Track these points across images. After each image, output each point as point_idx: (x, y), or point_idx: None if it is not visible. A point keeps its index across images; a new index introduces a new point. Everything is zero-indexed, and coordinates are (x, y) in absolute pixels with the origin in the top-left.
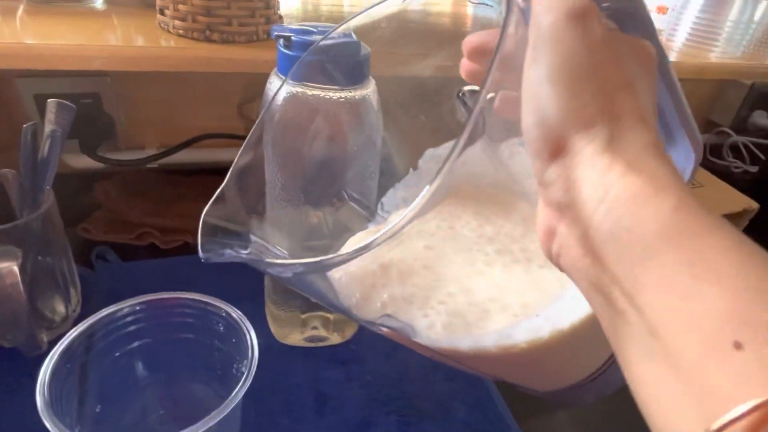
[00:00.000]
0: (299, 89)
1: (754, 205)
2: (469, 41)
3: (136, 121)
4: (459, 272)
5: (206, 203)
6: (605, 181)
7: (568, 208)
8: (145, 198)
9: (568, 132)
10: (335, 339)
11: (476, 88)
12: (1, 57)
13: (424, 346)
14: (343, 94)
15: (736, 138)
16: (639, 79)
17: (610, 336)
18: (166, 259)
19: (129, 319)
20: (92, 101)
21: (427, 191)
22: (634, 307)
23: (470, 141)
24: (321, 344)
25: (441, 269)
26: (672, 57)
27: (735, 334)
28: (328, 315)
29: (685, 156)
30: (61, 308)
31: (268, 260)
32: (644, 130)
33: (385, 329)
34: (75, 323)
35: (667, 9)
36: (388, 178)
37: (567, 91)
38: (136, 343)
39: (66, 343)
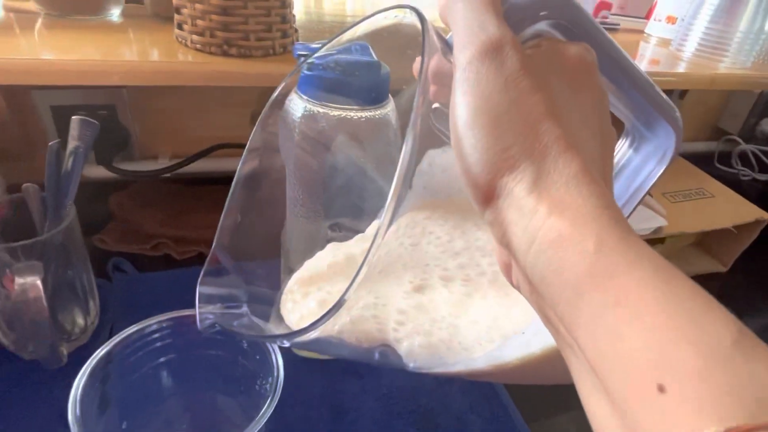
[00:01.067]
0: (321, 109)
1: (766, 216)
2: (416, 66)
3: (149, 132)
4: (393, 290)
5: (220, 213)
6: (531, 224)
7: (507, 248)
8: (159, 209)
9: (494, 177)
10: None
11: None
12: (20, 73)
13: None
14: (364, 114)
15: (744, 146)
16: (574, 93)
17: (568, 366)
18: (181, 269)
19: (156, 335)
20: (108, 113)
21: (378, 231)
22: (576, 343)
23: (411, 158)
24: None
25: (383, 288)
26: (681, 67)
27: (657, 377)
28: None
29: (666, 135)
30: (80, 320)
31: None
32: (571, 158)
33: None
34: (93, 335)
35: (677, 19)
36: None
37: (488, 135)
38: (162, 359)
39: (95, 361)
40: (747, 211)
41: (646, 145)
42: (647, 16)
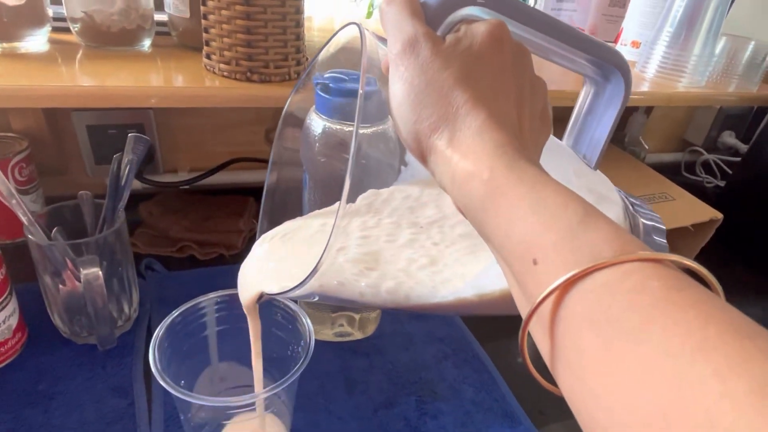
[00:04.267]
0: (336, 126)
1: (719, 216)
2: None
3: (171, 148)
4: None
5: (237, 220)
6: (450, 169)
7: (443, 189)
8: (182, 216)
9: (422, 140)
10: (358, 335)
11: None
12: (64, 97)
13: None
14: (370, 130)
15: (707, 156)
16: (483, 62)
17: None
18: (204, 268)
19: (211, 308)
20: (137, 131)
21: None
22: (492, 244)
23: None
24: (347, 339)
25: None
26: (644, 87)
27: (532, 254)
28: (354, 314)
29: (616, 81)
30: (126, 309)
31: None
32: (476, 113)
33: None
34: (135, 323)
35: (640, 44)
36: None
37: (413, 111)
38: (215, 329)
39: (166, 325)
40: (703, 212)
41: (604, 91)
42: (615, 41)
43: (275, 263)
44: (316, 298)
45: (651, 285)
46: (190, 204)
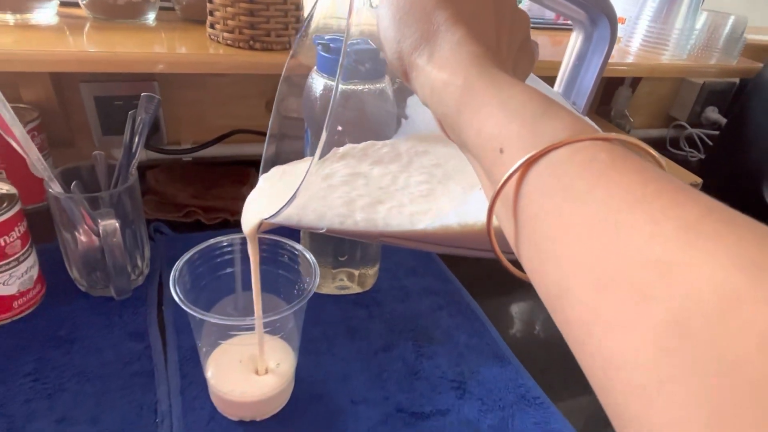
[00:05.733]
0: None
1: (699, 180)
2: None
3: (174, 120)
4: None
5: (239, 188)
6: (428, 81)
7: (425, 103)
8: (187, 183)
9: (405, 58)
10: (357, 289)
11: None
12: (72, 62)
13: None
14: (367, 86)
15: (691, 131)
16: None
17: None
18: (210, 231)
19: (227, 249)
20: None
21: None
22: (465, 145)
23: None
24: (347, 292)
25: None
26: (629, 59)
27: (498, 144)
28: (353, 270)
29: (603, 25)
30: (139, 263)
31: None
32: (455, 29)
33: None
34: (146, 278)
35: (625, 19)
36: None
37: (398, 30)
38: (229, 270)
39: (185, 258)
40: (684, 178)
41: (591, 37)
42: None
43: (271, 196)
44: (305, 223)
45: (599, 157)
46: (195, 173)
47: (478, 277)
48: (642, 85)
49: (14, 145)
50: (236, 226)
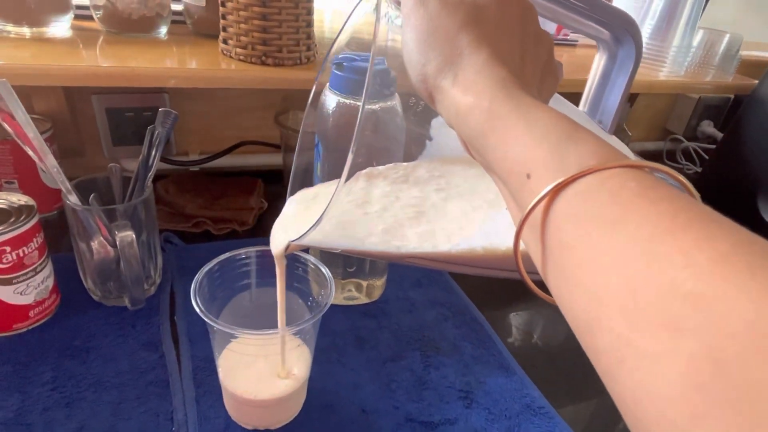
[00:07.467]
0: (349, 100)
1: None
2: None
3: (183, 132)
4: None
5: (247, 199)
6: (453, 104)
7: (450, 125)
8: (196, 194)
9: (429, 81)
10: (365, 300)
11: None
12: (84, 76)
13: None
14: (378, 105)
15: (687, 144)
16: (488, 12)
17: (499, 190)
18: (218, 242)
19: (245, 261)
20: (152, 114)
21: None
22: (492, 168)
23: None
24: (355, 303)
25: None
26: None
27: (526, 170)
28: (361, 281)
29: (628, 44)
30: (152, 274)
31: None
32: (479, 52)
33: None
34: (158, 288)
35: None
36: None
37: (422, 53)
38: (245, 281)
39: (205, 270)
40: None
41: (616, 56)
42: None
43: (299, 220)
44: (328, 247)
45: (629, 185)
46: (203, 184)
47: (482, 288)
48: (639, 99)
49: (31, 153)
50: (245, 236)
